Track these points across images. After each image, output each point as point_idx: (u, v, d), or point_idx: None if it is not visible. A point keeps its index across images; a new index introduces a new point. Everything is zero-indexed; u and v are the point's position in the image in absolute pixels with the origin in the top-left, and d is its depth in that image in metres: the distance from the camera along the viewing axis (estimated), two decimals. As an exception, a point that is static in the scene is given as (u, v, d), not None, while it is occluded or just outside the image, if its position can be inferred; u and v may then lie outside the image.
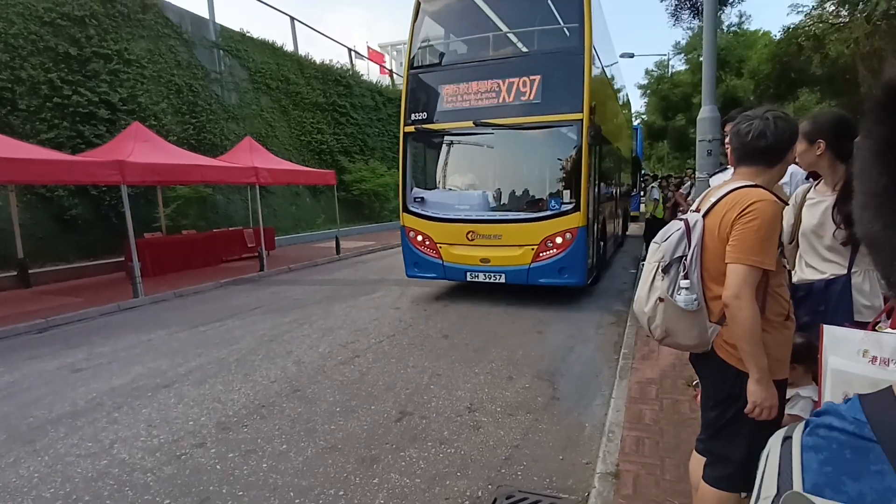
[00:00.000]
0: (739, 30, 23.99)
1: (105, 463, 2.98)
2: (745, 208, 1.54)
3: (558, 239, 6.15)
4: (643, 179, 16.11)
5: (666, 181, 13.26)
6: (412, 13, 7.18)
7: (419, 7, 7.20)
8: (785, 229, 2.22)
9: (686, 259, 1.62)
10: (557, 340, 5.16)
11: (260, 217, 10.49)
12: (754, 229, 1.51)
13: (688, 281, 1.60)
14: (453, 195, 7.11)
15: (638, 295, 1.73)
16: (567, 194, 6.28)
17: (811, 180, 2.44)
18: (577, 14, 6.27)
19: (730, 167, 2.60)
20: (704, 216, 1.65)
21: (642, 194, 14.93)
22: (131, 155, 7.70)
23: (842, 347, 1.74)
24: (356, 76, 20.62)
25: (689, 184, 9.90)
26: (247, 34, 15.91)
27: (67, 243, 9.88)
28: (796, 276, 2.25)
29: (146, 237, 9.78)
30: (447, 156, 7.41)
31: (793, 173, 2.64)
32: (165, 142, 9.54)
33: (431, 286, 7.85)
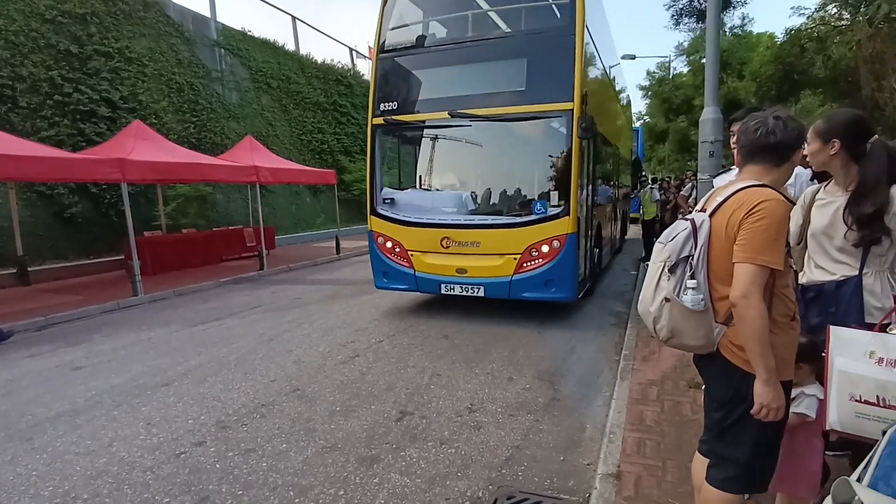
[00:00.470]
0: (742, 31, 23.98)
1: (104, 461, 2.96)
2: (754, 207, 1.52)
3: (544, 247, 5.47)
4: (641, 181, 15.52)
5: (667, 183, 13.24)
6: None
7: None
8: (792, 230, 2.21)
9: (693, 259, 1.60)
10: (558, 341, 5.15)
11: (260, 216, 10.50)
12: (763, 228, 1.49)
13: (695, 281, 1.58)
14: (426, 196, 6.41)
15: (643, 295, 1.71)
16: (555, 196, 5.54)
17: (815, 182, 2.44)
18: None
19: (734, 168, 2.59)
20: (711, 216, 1.64)
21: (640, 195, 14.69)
22: (132, 153, 7.71)
23: (848, 349, 1.73)
24: (357, 76, 20.66)
25: (690, 185, 9.90)
26: (248, 33, 15.95)
27: (67, 241, 9.87)
28: (805, 278, 2.23)
29: (146, 235, 9.78)
30: (420, 151, 6.69)
31: (797, 174, 2.63)
32: (166, 140, 9.54)
33: (432, 286, 7.81)
